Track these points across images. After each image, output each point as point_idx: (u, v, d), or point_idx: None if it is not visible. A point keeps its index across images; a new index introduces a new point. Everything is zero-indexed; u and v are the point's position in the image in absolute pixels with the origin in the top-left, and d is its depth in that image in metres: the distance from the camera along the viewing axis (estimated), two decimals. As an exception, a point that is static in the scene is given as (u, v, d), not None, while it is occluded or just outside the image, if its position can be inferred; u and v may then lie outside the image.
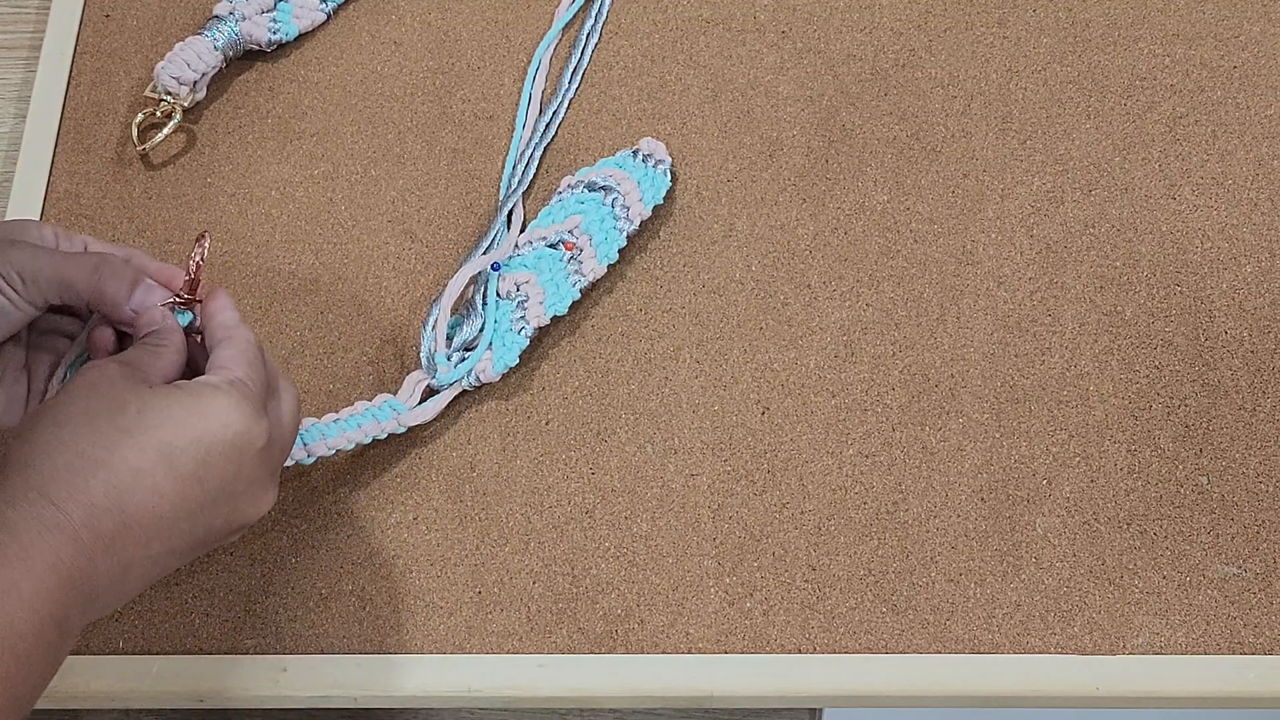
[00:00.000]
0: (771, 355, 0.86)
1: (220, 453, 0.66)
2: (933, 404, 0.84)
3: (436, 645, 0.80)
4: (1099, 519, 0.81)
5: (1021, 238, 0.88)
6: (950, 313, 0.87)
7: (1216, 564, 0.80)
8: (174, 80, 0.92)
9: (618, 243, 0.87)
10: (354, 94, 0.95)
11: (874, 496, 0.82)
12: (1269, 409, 0.83)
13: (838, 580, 0.80)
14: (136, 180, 0.93)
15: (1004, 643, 0.79)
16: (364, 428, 0.81)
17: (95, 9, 0.98)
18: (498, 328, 0.85)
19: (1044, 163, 0.91)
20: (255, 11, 0.94)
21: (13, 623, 0.60)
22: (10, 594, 0.60)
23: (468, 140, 0.93)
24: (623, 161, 0.90)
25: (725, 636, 0.79)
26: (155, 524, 0.64)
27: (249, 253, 0.90)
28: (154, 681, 0.79)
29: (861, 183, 0.90)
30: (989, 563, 0.80)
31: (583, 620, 0.80)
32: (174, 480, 0.64)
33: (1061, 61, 0.94)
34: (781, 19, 0.96)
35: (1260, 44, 0.94)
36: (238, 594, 0.81)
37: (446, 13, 0.97)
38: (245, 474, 0.67)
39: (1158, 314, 0.86)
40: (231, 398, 0.66)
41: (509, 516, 0.82)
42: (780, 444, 0.84)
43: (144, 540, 0.64)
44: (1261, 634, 0.78)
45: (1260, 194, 0.89)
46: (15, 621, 0.60)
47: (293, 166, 0.93)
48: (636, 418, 0.84)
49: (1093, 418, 0.83)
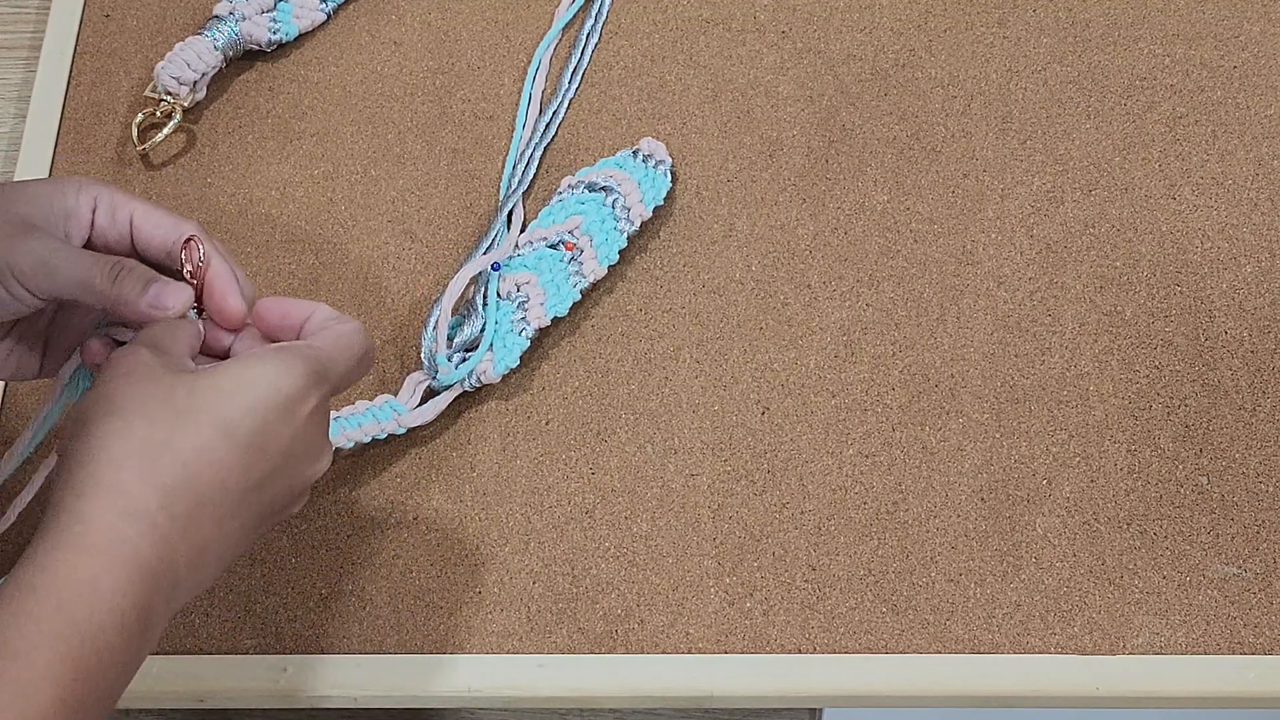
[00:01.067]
0: (771, 355, 0.86)
1: (275, 416, 0.65)
2: (933, 404, 0.84)
3: (436, 645, 0.80)
4: (1099, 519, 0.81)
5: (1021, 238, 0.88)
6: (950, 313, 0.87)
7: (1216, 564, 0.80)
8: (174, 80, 0.92)
9: (618, 244, 0.87)
10: (354, 94, 0.95)
11: (874, 496, 0.82)
12: (1269, 409, 0.83)
13: (838, 580, 0.80)
14: (136, 180, 0.93)
15: (1004, 643, 0.79)
16: (364, 427, 0.81)
17: (95, 9, 0.98)
18: (498, 328, 0.85)
19: (1044, 163, 0.91)
20: (255, 11, 0.94)
21: (98, 621, 0.59)
22: (93, 589, 0.59)
23: (468, 140, 0.93)
24: (623, 162, 0.90)
25: (725, 636, 0.79)
26: (226, 498, 0.64)
27: (249, 253, 0.90)
28: (154, 681, 0.79)
29: (861, 183, 0.90)
30: (989, 563, 0.80)
31: (583, 620, 0.80)
32: (237, 451, 0.64)
33: (1061, 61, 0.94)
34: (781, 19, 0.96)
35: (1260, 44, 0.94)
36: (238, 594, 0.81)
37: (446, 13, 0.97)
38: (303, 434, 0.66)
39: (1158, 314, 0.86)
40: (276, 362, 0.66)
41: (509, 516, 0.82)
42: (780, 444, 0.84)
43: (218, 517, 0.63)
44: (1261, 634, 0.78)
45: (1260, 194, 0.89)
46: (98, 618, 0.59)
47: (293, 166, 0.93)
48: (636, 418, 0.84)
49: (1093, 418, 0.83)
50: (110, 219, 0.71)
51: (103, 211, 0.71)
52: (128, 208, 0.71)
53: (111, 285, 0.68)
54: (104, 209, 0.71)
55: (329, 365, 0.68)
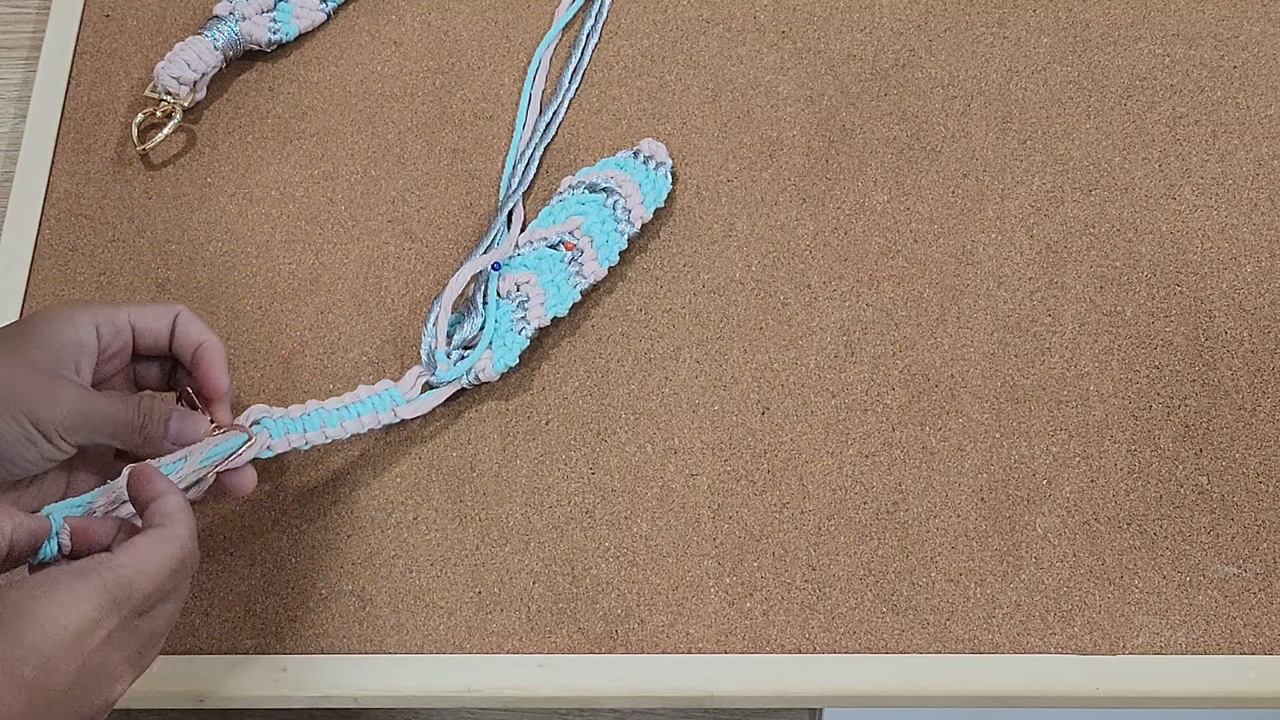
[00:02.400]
0: (771, 355, 0.86)
1: (62, 652, 0.63)
2: (933, 404, 0.84)
3: (436, 645, 0.80)
4: (1099, 519, 0.81)
5: (1021, 238, 0.88)
6: (950, 313, 0.87)
7: (1216, 564, 0.80)
8: (174, 80, 0.92)
9: (619, 245, 0.87)
10: (354, 94, 0.95)
11: (874, 496, 0.82)
12: (1269, 409, 0.83)
13: (838, 580, 0.80)
14: (136, 180, 0.93)
15: (1004, 643, 0.79)
16: (362, 418, 0.81)
17: (95, 9, 0.98)
18: (498, 327, 0.85)
19: (1044, 163, 0.91)
20: (255, 11, 0.94)
21: None
22: None
23: (468, 140, 0.93)
24: (624, 163, 0.90)
25: (725, 636, 0.79)
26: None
27: (249, 253, 0.90)
28: (154, 681, 0.79)
29: (861, 183, 0.90)
30: (989, 563, 0.80)
31: (583, 620, 0.80)
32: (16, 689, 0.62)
33: (1061, 61, 0.94)
34: (781, 19, 0.96)
35: (1260, 44, 0.94)
36: (238, 594, 0.81)
37: (446, 13, 0.97)
38: (92, 665, 0.64)
39: (1158, 314, 0.86)
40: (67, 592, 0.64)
41: (509, 516, 0.82)
42: (780, 444, 0.84)
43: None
44: (1261, 634, 0.78)
45: (1260, 194, 0.89)
46: None
47: (293, 166, 0.93)
48: (636, 418, 0.84)
49: (1093, 418, 0.83)
50: (114, 334, 0.74)
51: (106, 332, 0.73)
52: (123, 315, 0.74)
53: (139, 431, 0.71)
54: (106, 329, 0.73)
55: (129, 588, 0.65)
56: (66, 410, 0.69)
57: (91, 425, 0.70)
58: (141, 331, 0.74)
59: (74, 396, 0.70)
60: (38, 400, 0.68)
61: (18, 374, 0.69)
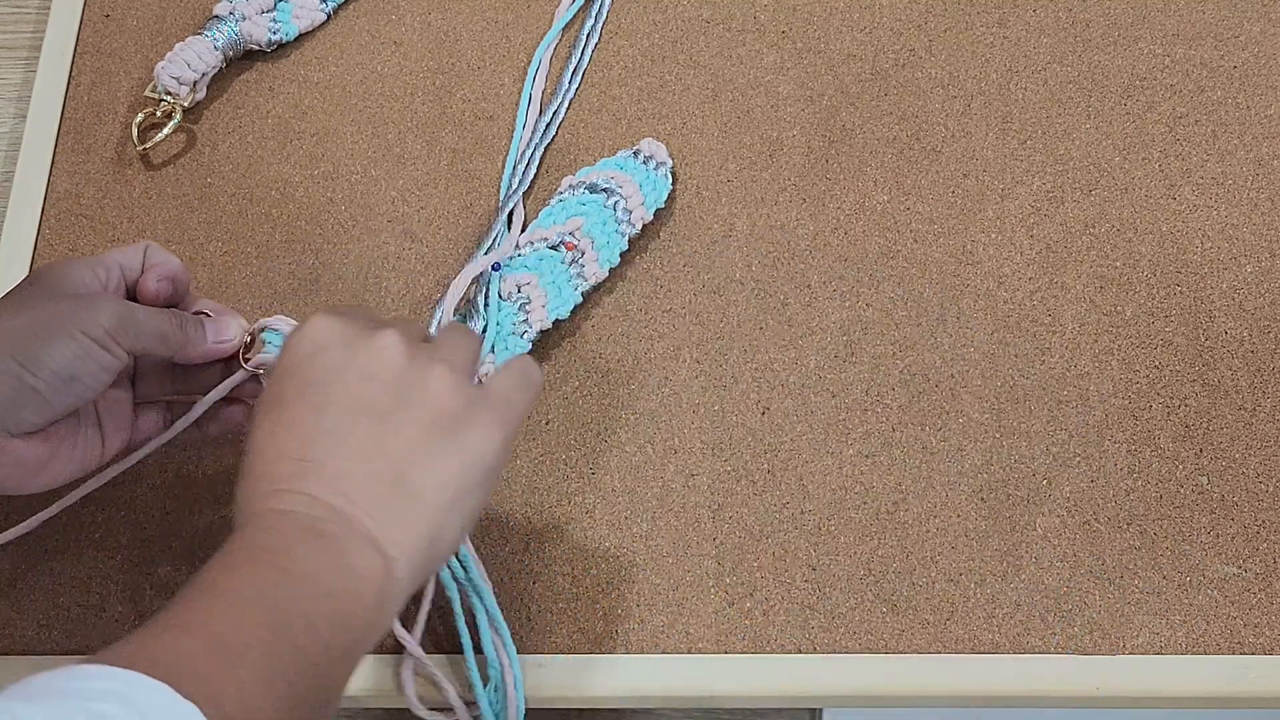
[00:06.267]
0: (771, 355, 0.86)
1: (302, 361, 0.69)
2: (933, 404, 0.84)
3: (436, 646, 0.80)
4: (1099, 519, 0.81)
5: (1021, 238, 0.88)
6: (950, 313, 0.87)
7: (1216, 564, 0.80)
8: (174, 80, 0.92)
9: (619, 246, 0.87)
10: (354, 94, 0.95)
11: (874, 496, 0.82)
12: (1269, 409, 0.83)
13: (838, 580, 0.80)
14: (136, 180, 0.93)
15: (1004, 643, 0.79)
16: None
17: (95, 9, 0.98)
18: (500, 331, 0.85)
19: (1044, 163, 0.91)
20: (255, 11, 0.95)
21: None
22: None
23: (468, 140, 0.93)
24: (624, 163, 0.90)
25: (725, 636, 0.79)
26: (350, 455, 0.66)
27: (249, 253, 0.90)
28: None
29: (861, 183, 0.90)
30: (989, 563, 0.80)
31: (583, 620, 0.80)
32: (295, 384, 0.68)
33: (1061, 61, 0.94)
34: (781, 19, 0.96)
35: (1260, 44, 0.94)
36: (238, 594, 0.81)
37: (446, 13, 0.97)
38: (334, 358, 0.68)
39: (1158, 314, 0.86)
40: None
41: (509, 516, 0.82)
42: (780, 444, 0.84)
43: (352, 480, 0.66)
44: (1261, 634, 0.78)
45: (1260, 194, 0.89)
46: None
47: (293, 166, 0.93)
48: (636, 418, 0.84)
49: (1093, 418, 0.83)
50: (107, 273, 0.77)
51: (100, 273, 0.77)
52: (109, 257, 0.77)
53: (180, 331, 0.75)
54: (99, 269, 0.77)
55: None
56: (110, 316, 0.72)
57: (135, 328, 0.73)
58: (126, 267, 0.77)
59: (113, 305, 0.73)
60: (84, 314, 0.72)
61: (54, 302, 0.73)
